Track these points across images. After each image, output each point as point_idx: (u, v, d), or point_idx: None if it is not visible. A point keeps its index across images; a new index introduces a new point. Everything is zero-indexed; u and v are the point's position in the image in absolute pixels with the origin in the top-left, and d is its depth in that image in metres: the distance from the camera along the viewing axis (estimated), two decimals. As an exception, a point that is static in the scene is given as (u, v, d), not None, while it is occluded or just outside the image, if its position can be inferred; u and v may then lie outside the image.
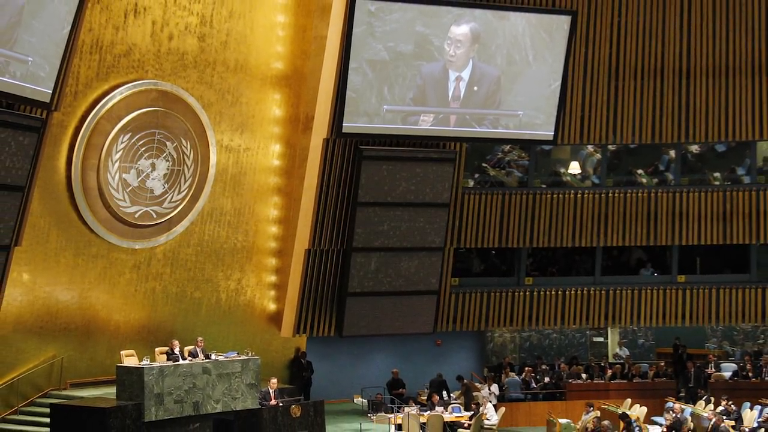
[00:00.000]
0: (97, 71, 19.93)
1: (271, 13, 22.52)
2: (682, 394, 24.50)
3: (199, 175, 21.64)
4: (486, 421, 22.11)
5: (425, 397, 23.25)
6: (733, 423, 20.14)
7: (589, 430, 19.62)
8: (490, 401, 22.92)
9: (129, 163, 20.52)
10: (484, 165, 25.36)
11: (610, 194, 24.92)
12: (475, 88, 23.21)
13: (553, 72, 23.64)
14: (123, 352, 19.10)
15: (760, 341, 26.76)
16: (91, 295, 20.44)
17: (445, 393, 23.55)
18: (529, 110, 23.71)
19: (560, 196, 24.85)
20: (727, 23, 24.13)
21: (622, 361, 25.92)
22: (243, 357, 19.35)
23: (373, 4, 21.97)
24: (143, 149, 20.71)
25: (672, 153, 25.32)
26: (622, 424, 19.75)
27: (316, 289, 23.11)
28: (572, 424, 21.38)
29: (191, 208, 21.64)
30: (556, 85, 23.72)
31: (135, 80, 20.48)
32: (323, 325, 23.38)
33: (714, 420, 19.23)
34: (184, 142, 21.29)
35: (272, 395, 18.89)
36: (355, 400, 23.73)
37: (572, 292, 25.17)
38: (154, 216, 21.09)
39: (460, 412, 22.31)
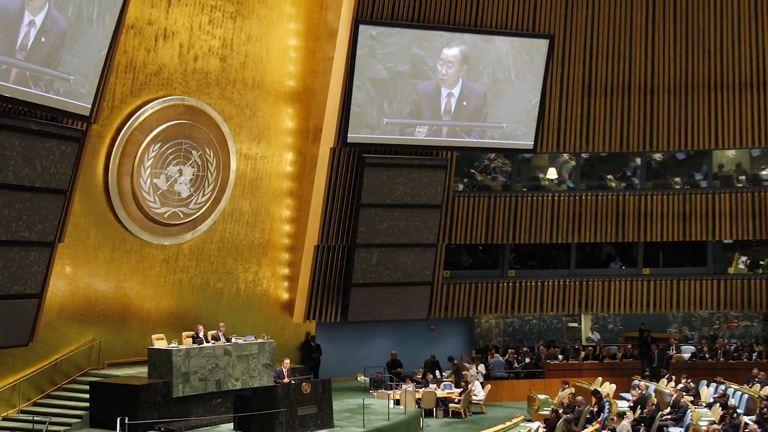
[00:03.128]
0: (131, 88, 19.95)
1: (285, 37, 22.55)
2: (647, 373, 24.51)
3: (221, 180, 21.65)
4: (474, 397, 22.15)
5: (420, 376, 23.27)
6: (691, 399, 20.16)
7: (564, 404, 19.63)
8: (478, 379, 22.96)
9: (159, 170, 20.53)
10: (472, 171, 25.36)
11: (583, 197, 24.94)
12: (465, 103, 23.23)
13: (533, 89, 23.66)
14: (154, 336, 19.09)
15: (716, 326, 26.77)
16: (126, 285, 20.45)
17: (437, 372, 23.58)
18: (512, 123, 23.73)
19: (539, 198, 24.86)
20: (686, 46, 24.14)
21: (594, 343, 25.94)
22: (259, 340, 19.35)
23: (375, 29, 21.99)
24: (172, 157, 20.72)
25: (638, 160, 25.33)
26: (593, 400, 19.77)
27: (324, 280, 23.12)
28: (550, 400, 21.41)
29: (214, 209, 21.65)
30: (535, 100, 23.73)
31: (164, 96, 20.49)
32: (330, 312, 23.40)
33: (675, 396, 19.26)
34: (207, 150, 21.29)
35: (285, 374, 18.88)
36: (358, 379, 23.73)
37: (550, 283, 25.18)
38: (182, 216, 21.10)
39: (451, 388, 22.36)
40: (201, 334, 18.87)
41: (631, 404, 19.89)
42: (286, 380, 18.57)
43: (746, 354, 24.53)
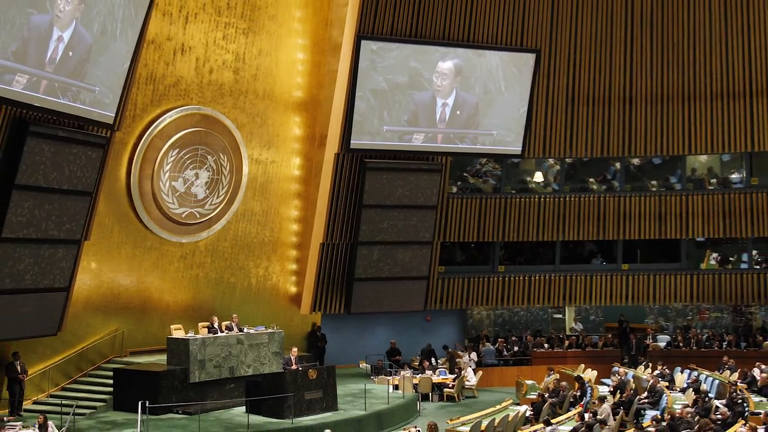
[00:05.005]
0: (151, 98, 19.95)
1: (293, 51, 22.54)
2: (626, 361, 24.52)
3: (234, 183, 21.65)
4: (466, 382, 22.15)
5: (417, 363, 23.27)
6: (667, 384, 20.15)
7: (550, 389, 19.62)
8: (470, 366, 22.95)
9: (177, 173, 20.53)
10: (465, 174, 25.35)
11: (567, 198, 24.93)
12: (458, 113, 23.22)
13: (521, 99, 23.65)
14: (172, 326, 19.11)
15: (689, 317, 26.76)
16: (146, 280, 20.45)
17: (433, 359, 23.57)
18: (502, 130, 23.72)
19: (527, 199, 24.85)
20: (662, 60, 24.15)
21: (577, 333, 25.93)
22: (269, 330, 19.35)
23: (375, 44, 21.99)
24: (189, 162, 20.71)
25: (617, 165, 25.32)
26: (576, 385, 19.77)
27: (329, 275, 23.11)
28: (536, 385, 21.39)
29: (228, 209, 21.65)
30: (523, 109, 23.73)
31: (182, 106, 20.50)
32: (335, 304, 23.38)
33: (651, 381, 19.25)
34: (222, 156, 21.29)
35: (293, 361, 18.89)
36: (360, 365, 23.73)
37: (536, 277, 25.17)
38: (198, 216, 21.10)
39: (445, 375, 22.36)
40: (216, 325, 18.88)
41: (611, 389, 19.87)
42: (293, 367, 18.57)
43: (717, 343, 24.53)
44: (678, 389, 20.18)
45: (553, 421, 15.95)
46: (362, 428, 17.11)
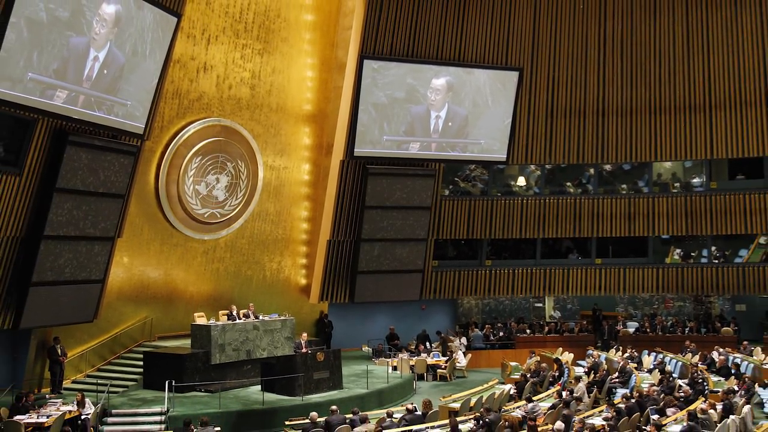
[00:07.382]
0: (177, 111, 19.98)
1: (303, 70, 22.58)
2: (599, 344, 24.54)
3: (251, 187, 21.69)
4: (457, 364, 22.18)
5: (414, 347, 23.28)
6: (635, 365, 20.18)
7: (531, 370, 19.65)
8: (461, 350, 22.98)
9: (200, 178, 20.56)
10: (456, 179, 25.37)
11: (546, 200, 24.96)
12: (450, 124, 23.25)
13: (506, 112, 23.68)
14: (195, 314, 19.11)
15: (655, 306, 26.78)
16: (173, 272, 20.48)
17: (428, 343, 23.59)
18: (489, 139, 23.75)
19: (511, 201, 24.88)
20: (631, 76, 24.17)
21: (555, 320, 25.95)
22: (282, 318, 19.39)
23: (376, 63, 22.02)
24: (210, 168, 20.75)
25: (591, 170, 25.34)
26: (555, 366, 19.79)
27: (335, 268, 23.13)
28: (519, 366, 21.42)
29: (245, 210, 21.69)
30: (508, 121, 23.76)
31: (204, 118, 20.53)
32: (340, 294, 23.41)
33: (622, 363, 19.28)
34: (240, 162, 21.33)
35: (303, 345, 18.92)
36: (363, 349, 23.75)
37: (519, 270, 25.19)
38: (218, 216, 21.13)
39: (438, 357, 22.37)
40: (234, 313, 18.91)
41: (586, 370, 19.90)
42: (303, 350, 18.61)
43: (680, 329, 24.56)
44: (645, 370, 20.20)
45: (534, 398, 15.99)
46: (364, 404, 17.13)
